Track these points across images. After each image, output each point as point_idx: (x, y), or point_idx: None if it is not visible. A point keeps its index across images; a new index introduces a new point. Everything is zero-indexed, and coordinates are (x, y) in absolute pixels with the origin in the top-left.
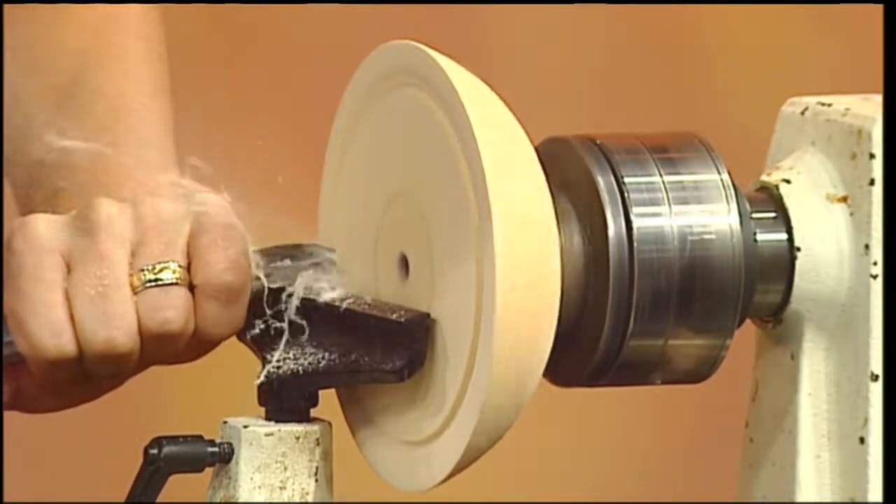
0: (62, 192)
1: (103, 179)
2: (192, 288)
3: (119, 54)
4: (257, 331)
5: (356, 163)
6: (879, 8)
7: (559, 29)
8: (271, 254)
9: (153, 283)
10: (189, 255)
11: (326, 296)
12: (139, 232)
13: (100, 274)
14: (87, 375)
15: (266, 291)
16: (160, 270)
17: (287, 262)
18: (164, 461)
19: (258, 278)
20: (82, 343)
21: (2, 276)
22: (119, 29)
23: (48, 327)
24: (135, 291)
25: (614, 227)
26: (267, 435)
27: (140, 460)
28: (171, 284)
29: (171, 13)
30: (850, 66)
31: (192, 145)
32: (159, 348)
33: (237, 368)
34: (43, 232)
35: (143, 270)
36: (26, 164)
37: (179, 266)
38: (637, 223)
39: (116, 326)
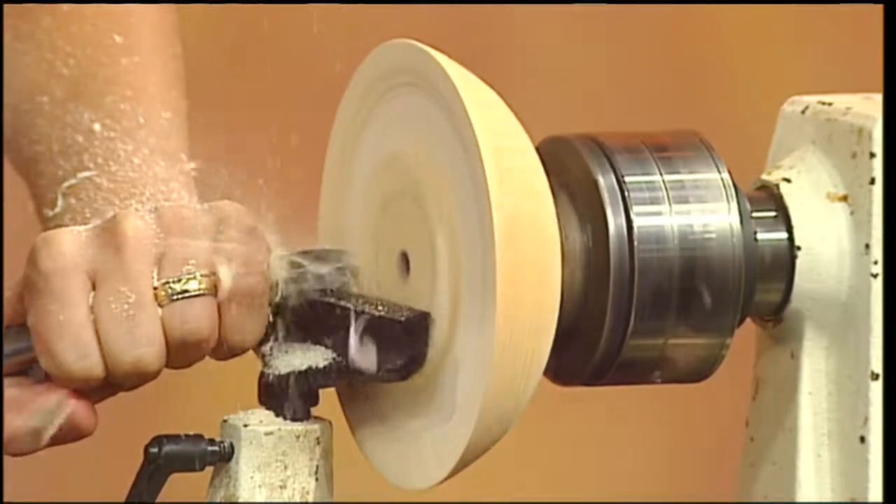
0: (73, 187)
1: (114, 171)
2: (215, 295)
3: (132, 47)
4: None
5: (357, 162)
6: (879, 8)
7: (560, 28)
8: (291, 258)
9: (180, 296)
10: (212, 262)
11: (327, 295)
12: (164, 244)
13: (126, 292)
14: (111, 385)
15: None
16: (186, 281)
17: (308, 266)
18: (164, 460)
19: (277, 283)
20: (109, 363)
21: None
22: (132, 22)
23: (75, 349)
24: (161, 305)
25: (615, 226)
26: (267, 434)
27: (140, 459)
28: (197, 295)
29: None
30: (851, 65)
31: (191, 144)
32: (185, 358)
33: (238, 367)
34: (68, 250)
35: (168, 283)
36: (34, 154)
37: (203, 275)
38: (637, 222)
39: (144, 345)
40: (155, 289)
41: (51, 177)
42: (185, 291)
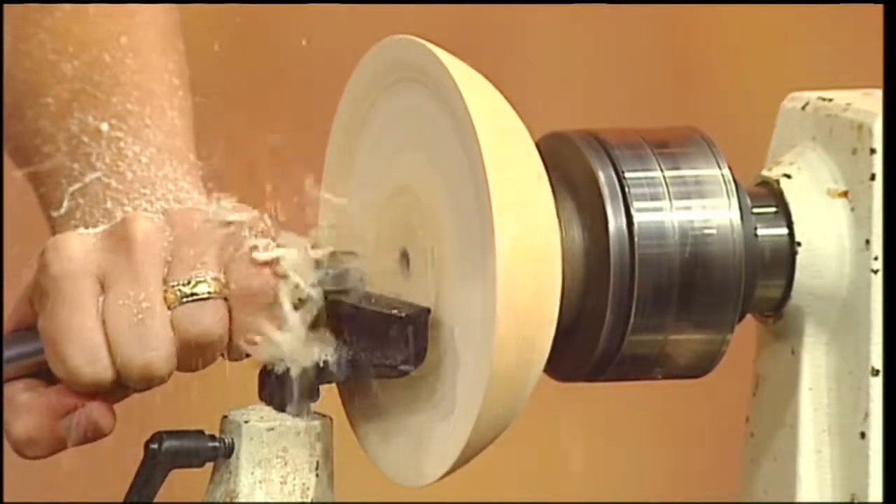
0: (81, 187)
1: (123, 171)
2: (225, 297)
3: (136, 46)
4: None
5: (357, 159)
6: (879, 7)
7: (561, 27)
8: (299, 259)
9: (189, 299)
10: (222, 264)
11: (328, 292)
12: (173, 246)
13: (136, 295)
14: (122, 388)
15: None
16: (196, 284)
17: (318, 267)
18: (164, 456)
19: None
20: (119, 367)
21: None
22: (136, 21)
23: (84, 354)
24: (170, 308)
25: (615, 222)
26: (268, 430)
27: (140, 456)
28: (207, 298)
29: None
30: (851, 61)
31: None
32: (196, 361)
33: (238, 363)
34: (78, 254)
35: (178, 286)
36: (40, 156)
37: (213, 277)
38: (638, 218)
39: (154, 348)
40: (164, 292)
41: (58, 178)
42: (195, 294)
